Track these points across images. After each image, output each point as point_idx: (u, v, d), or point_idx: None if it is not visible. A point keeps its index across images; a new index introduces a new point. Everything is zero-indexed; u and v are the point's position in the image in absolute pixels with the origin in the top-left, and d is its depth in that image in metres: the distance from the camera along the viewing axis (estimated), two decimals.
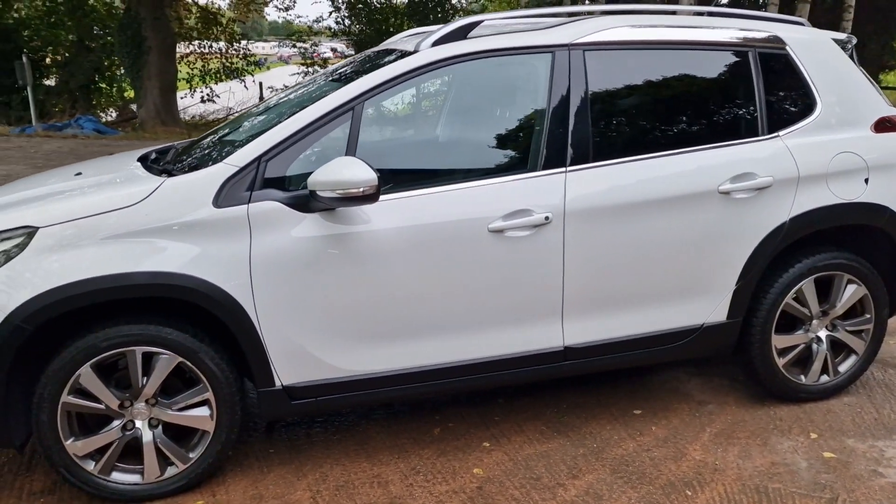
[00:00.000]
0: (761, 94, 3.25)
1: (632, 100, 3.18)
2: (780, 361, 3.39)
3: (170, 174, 2.85)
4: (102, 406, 2.70)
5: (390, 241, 2.80)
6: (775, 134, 3.25)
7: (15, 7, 19.12)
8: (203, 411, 2.80)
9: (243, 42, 21.06)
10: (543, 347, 3.06)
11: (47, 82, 19.23)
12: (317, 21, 19.70)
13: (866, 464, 3.02)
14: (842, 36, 3.52)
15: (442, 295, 2.90)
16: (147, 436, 2.77)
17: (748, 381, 3.62)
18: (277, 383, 2.83)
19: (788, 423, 3.33)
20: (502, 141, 3.11)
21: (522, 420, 3.41)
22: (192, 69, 19.93)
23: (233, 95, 18.78)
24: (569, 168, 2.97)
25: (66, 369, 2.62)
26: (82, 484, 2.74)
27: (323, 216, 2.74)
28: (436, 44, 2.99)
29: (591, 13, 3.38)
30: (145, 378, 2.71)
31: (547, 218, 2.91)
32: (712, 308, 3.24)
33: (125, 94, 19.91)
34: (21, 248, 2.58)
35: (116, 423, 2.75)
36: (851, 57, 3.48)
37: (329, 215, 2.74)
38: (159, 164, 3.15)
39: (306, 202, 2.71)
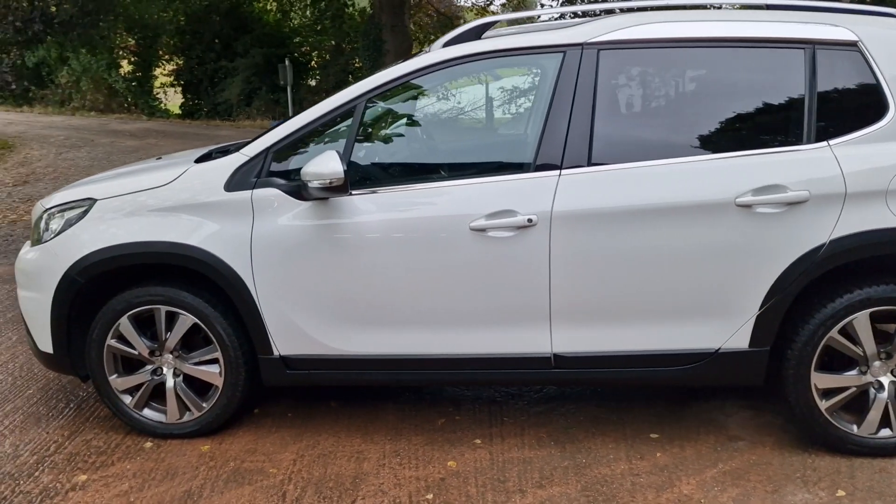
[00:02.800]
0: (812, 98, 2.85)
1: (646, 102, 2.99)
2: (823, 404, 2.95)
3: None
4: (136, 352, 3.23)
5: (374, 232, 2.97)
6: (824, 142, 2.83)
7: (291, 16, 21.97)
8: (214, 368, 3.22)
9: None
10: (529, 352, 3.02)
11: (311, 83, 21.82)
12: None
13: None
14: None
15: (423, 289, 3.00)
16: (170, 382, 3.26)
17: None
18: (275, 352, 3.15)
19: (819, 475, 2.89)
20: (500, 141, 3.12)
21: (529, 425, 3.37)
22: None
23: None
24: (563, 171, 2.89)
25: (110, 318, 3.19)
26: (120, 414, 3.31)
27: (315, 205, 2.99)
28: (447, 44, 3.08)
29: (646, 8, 3.17)
30: (168, 333, 3.19)
31: (530, 220, 2.86)
32: (730, 332, 2.92)
33: None
34: (81, 216, 3.18)
35: (148, 367, 3.27)
36: None
37: (320, 205, 2.99)
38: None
39: (300, 191, 2.98)
